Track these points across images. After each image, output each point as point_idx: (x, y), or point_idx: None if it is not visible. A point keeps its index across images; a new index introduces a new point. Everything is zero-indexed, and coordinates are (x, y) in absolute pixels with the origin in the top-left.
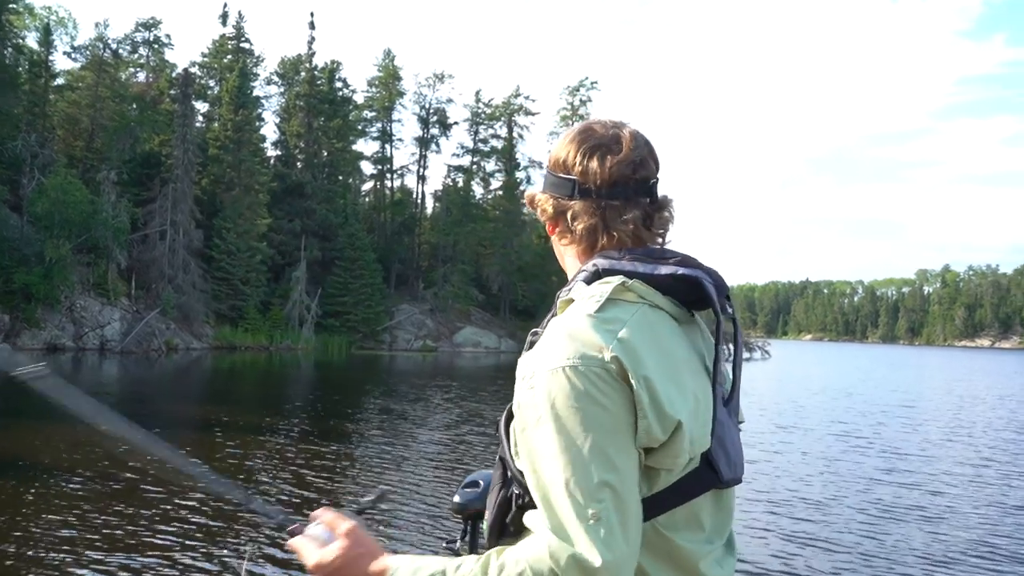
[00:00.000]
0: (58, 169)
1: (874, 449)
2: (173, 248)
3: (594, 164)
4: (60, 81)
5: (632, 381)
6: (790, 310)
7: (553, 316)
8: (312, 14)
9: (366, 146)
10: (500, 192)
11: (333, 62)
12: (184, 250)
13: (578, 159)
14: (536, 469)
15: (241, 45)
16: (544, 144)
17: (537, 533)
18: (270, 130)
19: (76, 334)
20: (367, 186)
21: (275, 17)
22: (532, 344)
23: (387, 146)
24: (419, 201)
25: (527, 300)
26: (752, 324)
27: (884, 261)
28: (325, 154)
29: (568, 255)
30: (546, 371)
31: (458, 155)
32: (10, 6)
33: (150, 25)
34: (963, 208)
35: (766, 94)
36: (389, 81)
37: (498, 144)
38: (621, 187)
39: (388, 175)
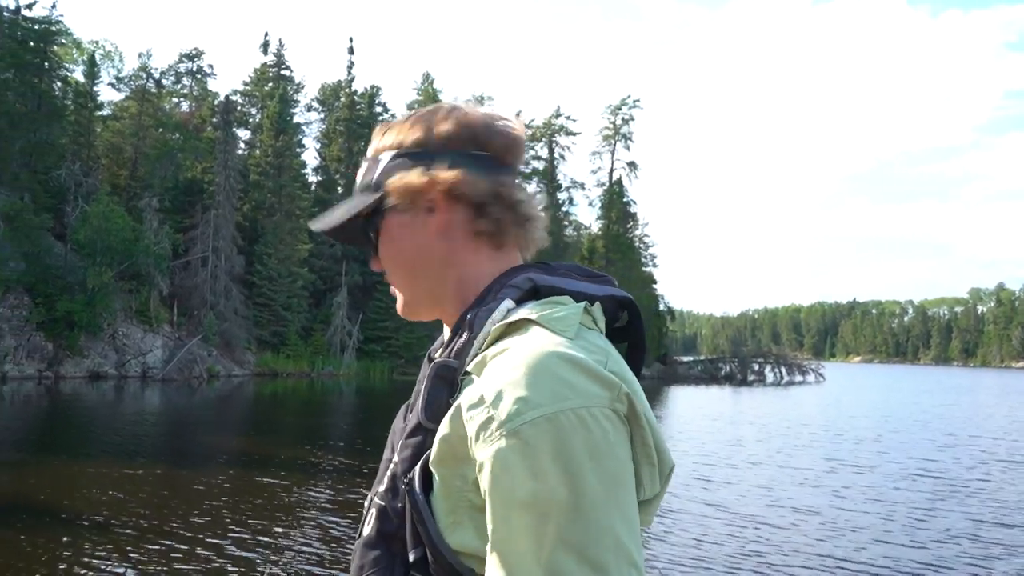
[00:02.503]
0: (100, 197)
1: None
2: (215, 274)
3: (506, 138)
4: (105, 111)
5: (640, 424)
6: (837, 331)
7: (468, 341)
8: (351, 39)
9: None
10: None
11: (372, 87)
12: (226, 276)
13: (491, 131)
14: (530, 548)
15: (282, 72)
16: (586, 164)
17: None
18: (311, 156)
19: (118, 362)
20: None
21: (315, 44)
22: (444, 373)
23: None
24: None
25: None
26: (798, 346)
27: (933, 280)
28: None
29: (460, 258)
30: (544, 415)
31: None
32: (56, 40)
33: (193, 56)
34: (1014, 224)
35: (804, 112)
36: (429, 104)
37: (539, 165)
38: (498, 151)
39: None
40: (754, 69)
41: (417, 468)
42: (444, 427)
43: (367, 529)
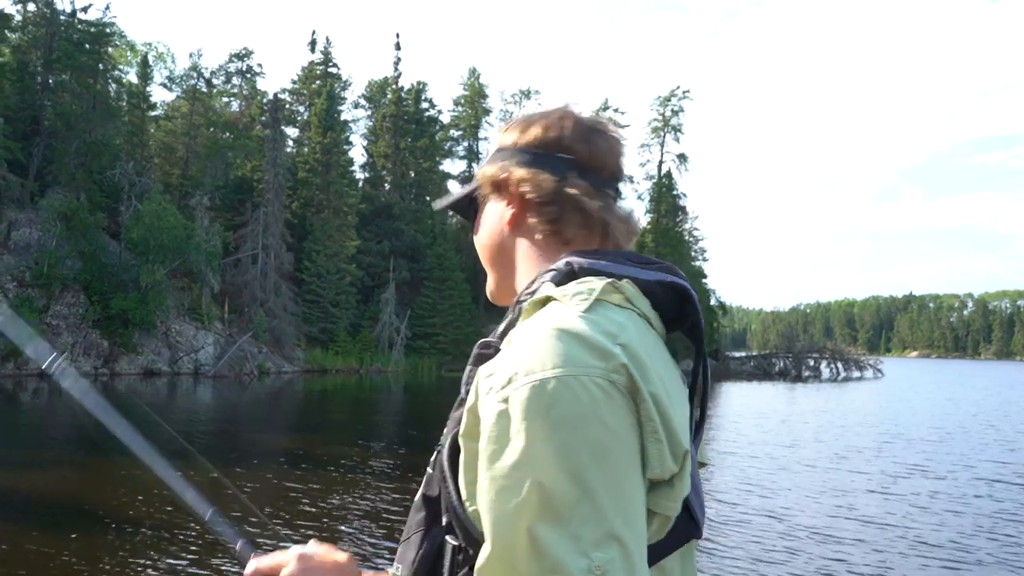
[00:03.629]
0: (153, 196)
1: None
2: (264, 271)
3: (596, 146)
4: (158, 111)
5: (642, 397)
6: (893, 326)
7: (511, 322)
8: (398, 35)
9: (453, 165)
10: None
11: (419, 83)
12: (275, 273)
13: (576, 137)
14: (510, 510)
15: (329, 70)
16: (635, 158)
17: None
18: (358, 152)
19: (171, 359)
20: None
21: (362, 41)
22: (484, 351)
23: (474, 165)
24: None
25: None
26: (852, 341)
27: (993, 273)
28: (412, 174)
29: (526, 246)
30: (529, 381)
31: None
32: (109, 40)
33: (242, 56)
34: None
35: (856, 103)
36: (475, 99)
37: None
38: (615, 175)
39: None
40: (803, 60)
41: (448, 438)
42: (470, 398)
43: (417, 493)
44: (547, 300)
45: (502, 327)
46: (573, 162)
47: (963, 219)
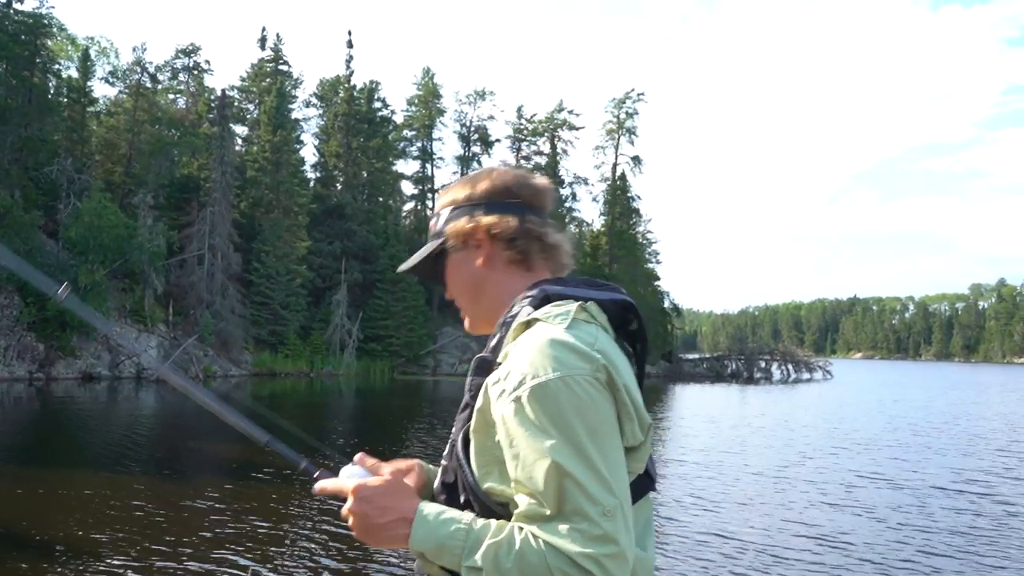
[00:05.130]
0: (93, 193)
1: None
2: (211, 272)
3: (538, 188)
4: (100, 107)
5: (618, 388)
6: (838, 328)
7: (500, 340)
8: (350, 33)
9: (406, 166)
10: None
11: (372, 82)
12: (222, 274)
13: (522, 184)
14: (540, 475)
15: (279, 67)
16: (590, 159)
17: (549, 525)
18: (309, 152)
19: (112, 362)
20: (408, 206)
21: (314, 38)
22: (483, 365)
23: (428, 165)
24: None
25: None
26: (799, 343)
27: (935, 276)
28: (365, 175)
29: (500, 281)
30: (535, 383)
31: None
32: (47, 32)
33: (189, 51)
34: (1015, 219)
35: (806, 108)
36: (429, 99)
37: (541, 161)
38: (548, 209)
39: (429, 195)
40: (755, 65)
41: (461, 433)
42: (478, 401)
43: (436, 481)
44: (532, 322)
45: (493, 343)
46: (523, 204)
47: (911, 223)
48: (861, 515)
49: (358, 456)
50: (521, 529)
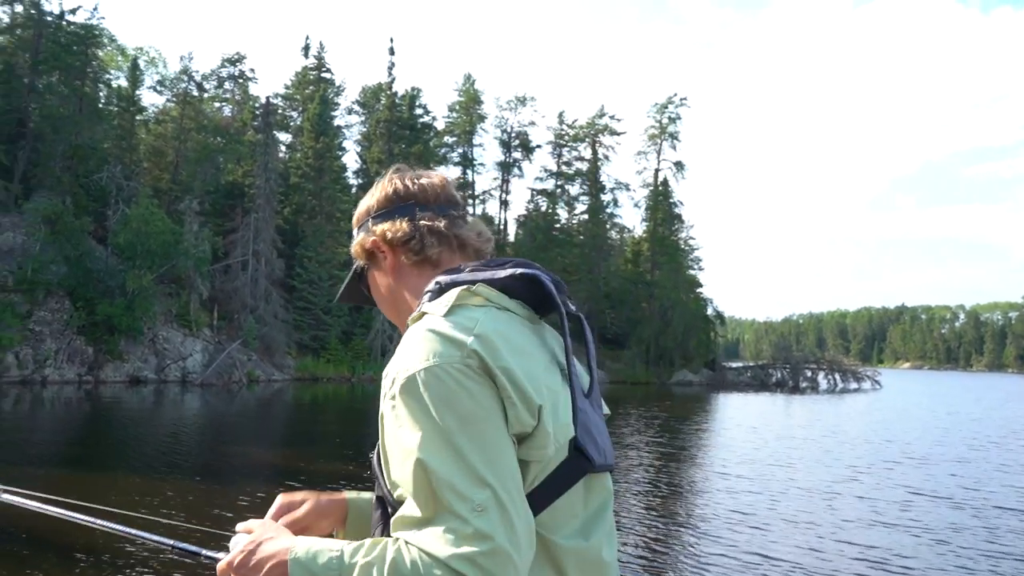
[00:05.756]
0: (141, 200)
1: None
2: (255, 278)
3: (426, 185)
4: (148, 115)
5: (494, 372)
6: (885, 337)
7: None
8: (392, 39)
9: (447, 172)
10: (585, 216)
11: (413, 88)
12: (266, 280)
13: (408, 186)
14: (410, 478)
15: (322, 75)
16: (631, 165)
17: (421, 531)
18: (351, 159)
19: (158, 366)
20: None
21: (356, 46)
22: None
23: (469, 171)
24: (502, 227)
25: (616, 328)
26: (845, 351)
27: (986, 285)
28: None
29: (410, 283)
30: (405, 376)
31: (541, 179)
32: (97, 42)
33: (235, 60)
34: None
35: (850, 113)
36: (470, 106)
37: (582, 166)
38: (450, 201)
39: (470, 201)
40: (798, 70)
41: (376, 448)
42: (380, 406)
43: (372, 495)
44: (421, 315)
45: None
46: (414, 204)
47: (955, 229)
48: (920, 536)
49: (279, 500)
50: (395, 540)
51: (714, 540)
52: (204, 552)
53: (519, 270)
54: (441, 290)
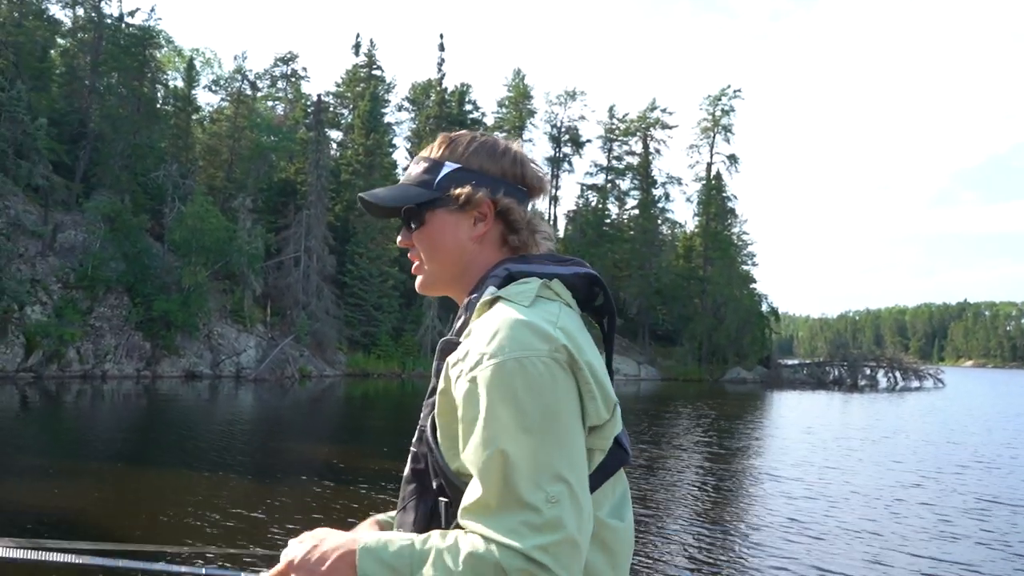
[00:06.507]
0: (196, 197)
1: None
2: (307, 274)
3: (542, 180)
4: (203, 114)
5: (580, 366)
6: (946, 334)
7: (465, 322)
8: (441, 36)
9: None
10: (636, 211)
11: (463, 84)
12: (317, 276)
13: (532, 172)
14: (486, 463)
15: (373, 72)
16: (683, 159)
17: (495, 518)
18: (401, 155)
19: (213, 361)
20: None
21: (406, 43)
22: (447, 347)
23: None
24: (552, 222)
25: (668, 324)
26: (904, 349)
27: None
28: None
29: (483, 257)
30: (494, 362)
31: (591, 174)
32: (155, 43)
33: (287, 59)
34: None
35: (909, 105)
36: (519, 101)
37: (633, 161)
38: (533, 189)
39: None
40: (855, 62)
41: (428, 419)
42: (440, 383)
43: (406, 469)
44: (495, 300)
45: (458, 324)
46: (528, 193)
47: (1020, 224)
48: (995, 548)
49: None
50: (467, 530)
51: (766, 550)
52: (242, 575)
53: (581, 269)
54: (510, 277)
